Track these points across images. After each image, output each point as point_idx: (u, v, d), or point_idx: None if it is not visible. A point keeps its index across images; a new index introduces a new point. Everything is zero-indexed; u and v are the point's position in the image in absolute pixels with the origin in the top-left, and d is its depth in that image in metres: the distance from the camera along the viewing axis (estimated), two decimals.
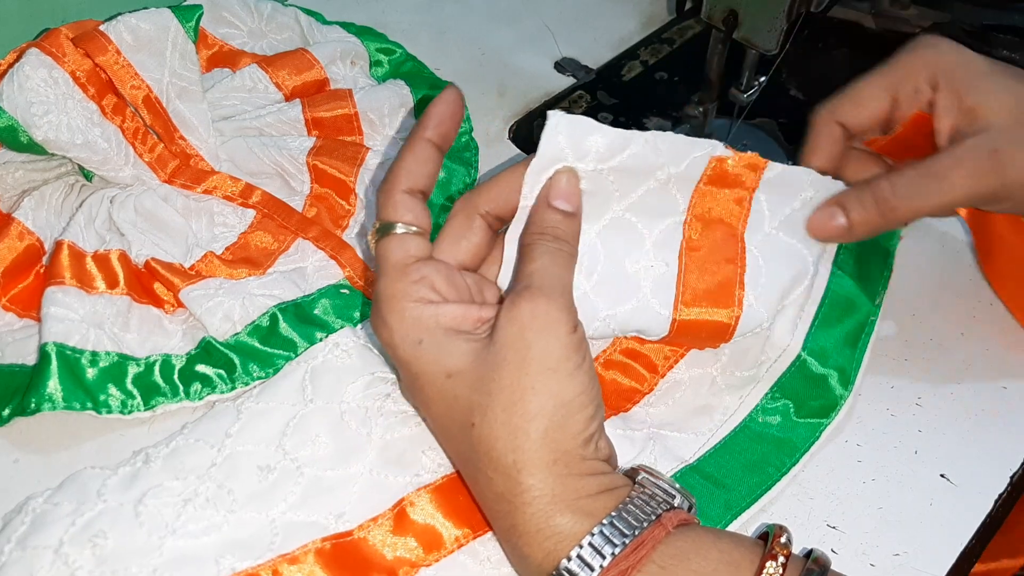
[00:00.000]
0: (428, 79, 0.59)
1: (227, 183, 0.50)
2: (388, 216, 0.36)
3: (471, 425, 0.33)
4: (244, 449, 0.38)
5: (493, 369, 0.33)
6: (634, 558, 0.31)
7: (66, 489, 0.37)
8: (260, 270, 0.48)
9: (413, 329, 0.34)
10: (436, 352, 0.33)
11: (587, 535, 0.31)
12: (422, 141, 0.37)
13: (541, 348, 0.33)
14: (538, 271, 0.34)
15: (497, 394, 0.32)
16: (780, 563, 0.31)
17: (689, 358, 0.44)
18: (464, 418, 0.33)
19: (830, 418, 0.42)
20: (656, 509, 0.32)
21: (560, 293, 0.34)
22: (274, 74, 0.55)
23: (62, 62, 0.46)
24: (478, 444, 0.33)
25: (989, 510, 0.41)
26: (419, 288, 0.34)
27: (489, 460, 0.33)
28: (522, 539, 0.32)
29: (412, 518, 0.37)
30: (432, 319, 0.34)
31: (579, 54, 0.64)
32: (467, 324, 0.34)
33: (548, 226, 0.36)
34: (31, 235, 0.47)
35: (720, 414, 0.43)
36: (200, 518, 0.36)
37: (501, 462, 0.32)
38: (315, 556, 0.36)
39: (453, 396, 0.33)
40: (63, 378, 0.41)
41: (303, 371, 0.41)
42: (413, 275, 0.34)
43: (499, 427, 0.32)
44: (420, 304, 0.34)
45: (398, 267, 0.35)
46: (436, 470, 0.38)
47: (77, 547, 0.35)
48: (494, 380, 0.33)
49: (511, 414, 0.32)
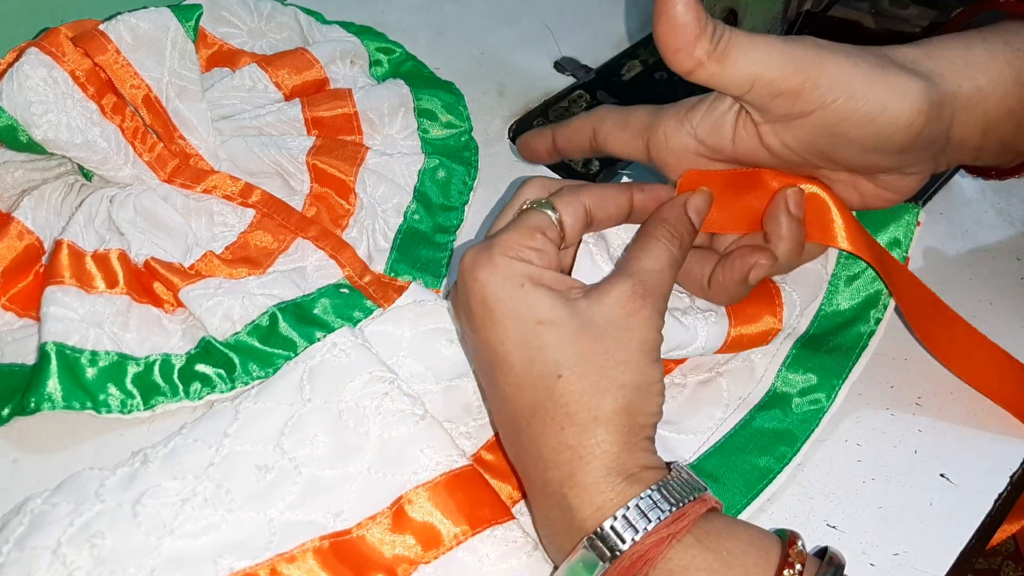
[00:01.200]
0: (428, 78, 0.59)
1: (227, 182, 0.50)
2: (557, 204, 0.38)
3: (558, 377, 0.34)
4: (242, 449, 0.38)
5: (593, 335, 0.35)
6: (676, 527, 0.32)
7: (64, 490, 0.37)
8: (260, 270, 0.48)
9: (517, 273, 0.36)
10: (534, 297, 0.35)
11: (636, 498, 0.33)
12: (629, 194, 0.40)
13: (642, 334, 0.35)
14: (657, 273, 0.37)
15: (592, 357, 0.34)
16: (797, 570, 0.32)
17: (688, 363, 0.45)
18: (551, 369, 0.34)
19: (829, 402, 0.43)
20: (694, 491, 0.34)
21: (664, 299, 0.37)
22: (274, 73, 0.54)
23: (61, 61, 0.45)
24: (560, 396, 0.34)
25: (989, 510, 0.41)
26: (535, 254, 0.37)
27: (567, 412, 0.34)
28: (575, 490, 0.34)
29: (410, 516, 0.37)
30: (537, 273, 0.36)
31: (579, 53, 0.64)
32: (563, 287, 0.36)
33: (680, 227, 0.38)
34: (30, 234, 0.46)
35: (721, 412, 0.43)
36: (198, 518, 0.36)
37: (579, 416, 0.34)
38: (314, 555, 0.36)
39: (540, 344, 0.35)
40: (63, 378, 0.41)
41: (301, 371, 0.41)
42: (537, 242, 0.37)
43: (589, 385, 0.34)
44: (528, 262, 0.36)
45: (531, 229, 0.37)
46: (434, 468, 0.38)
47: (75, 548, 0.34)
48: (591, 344, 0.35)
49: (602, 377, 0.34)
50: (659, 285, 0.36)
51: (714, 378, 0.44)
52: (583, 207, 0.38)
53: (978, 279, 0.50)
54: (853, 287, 0.46)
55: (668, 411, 0.43)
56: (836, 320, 0.46)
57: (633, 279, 0.36)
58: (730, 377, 0.44)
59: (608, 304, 0.35)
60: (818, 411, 0.43)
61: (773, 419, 0.42)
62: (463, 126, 0.57)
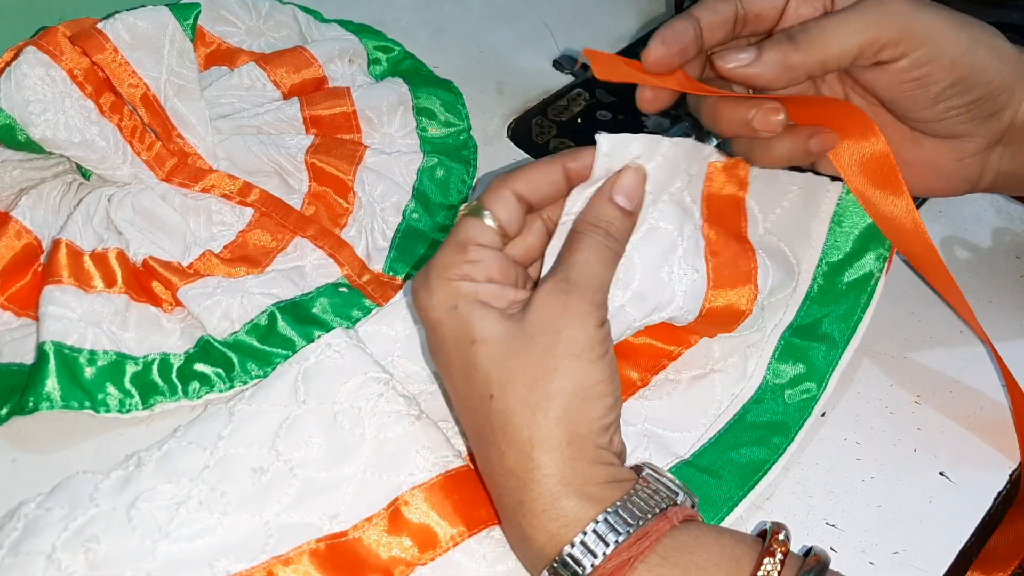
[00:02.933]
0: (426, 77, 0.59)
1: (225, 181, 0.50)
2: (486, 203, 0.36)
3: (490, 397, 0.33)
4: (237, 451, 0.38)
5: (520, 347, 0.33)
6: (637, 548, 0.31)
7: (58, 494, 0.36)
8: (258, 268, 0.47)
9: (451, 295, 0.34)
10: (467, 317, 0.34)
11: (592, 522, 0.31)
12: (560, 166, 0.37)
13: (569, 335, 0.33)
14: (580, 264, 0.35)
15: (520, 371, 0.33)
16: (778, 560, 0.31)
17: (687, 356, 0.45)
18: (484, 390, 0.33)
19: (821, 390, 0.42)
20: (660, 503, 0.32)
21: (596, 290, 0.34)
22: (272, 72, 0.54)
23: (60, 60, 0.45)
24: (495, 417, 0.33)
25: (988, 508, 0.40)
26: (470, 267, 0.35)
27: (504, 434, 0.33)
28: (527, 518, 0.33)
29: (407, 517, 0.37)
30: (471, 291, 0.35)
31: (578, 52, 0.64)
32: (501, 302, 0.35)
33: (603, 220, 0.36)
34: (29, 234, 0.46)
35: (715, 409, 0.43)
36: (193, 521, 0.36)
37: (516, 436, 0.33)
38: (310, 557, 0.35)
39: (475, 364, 0.34)
40: (61, 377, 0.41)
41: (295, 372, 0.40)
42: (471, 255, 0.35)
43: (518, 402, 0.33)
44: (465, 280, 0.35)
45: (461, 244, 0.36)
46: (430, 469, 0.38)
47: (70, 552, 0.34)
48: (519, 357, 0.33)
49: (531, 391, 0.33)
50: (585, 275, 0.34)
51: (707, 375, 0.44)
52: (512, 197, 0.36)
53: (977, 277, 0.50)
54: (839, 275, 0.45)
55: (662, 409, 0.43)
56: (823, 309, 0.45)
57: (555, 278, 0.34)
58: (723, 374, 0.44)
59: (535, 309, 0.34)
60: (810, 399, 0.42)
61: (766, 411, 0.42)
62: (462, 124, 0.56)
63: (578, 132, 0.58)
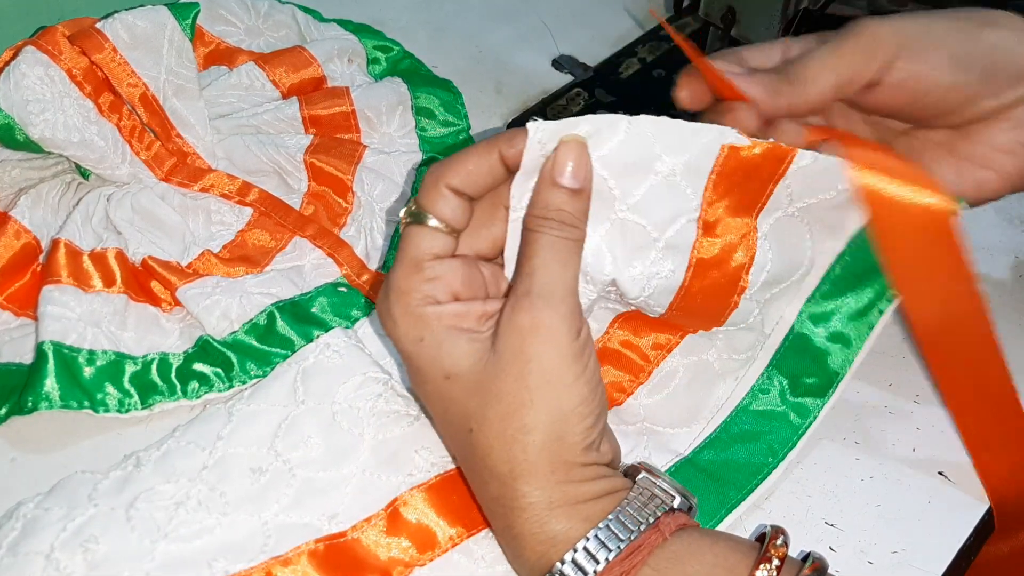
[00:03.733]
0: (425, 76, 0.59)
1: (224, 181, 0.50)
2: (425, 205, 0.33)
3: (468, 431, 0.32)
4: (236, 451, 0.38)
5: (492, 378, 0.32)
6: (628, 563, 0.30)
7: (57, 494, 0.36)
8: (258, 268, 0.47)
9: (415, 326, 0.33)
10: (435, 351, 0.33)
11: (582, 539, 0.31)
12: (495, 151, 0.33)
13: (540, 360, 0.31)
14: (540, 269, 0.32)
15: (495, 404, 0.32)
16: (775, 566, 0.30)
17: (683, 346, 0.43)
18: (462, 422, 0.33)
19: (826, 398, 0.41)
20: (655, 512, 0.32)
21: (562, 298, 0.32)
22: (271, 72, 0.54)
23: (58, 60, 0.45)
24: (474, 449, 0.33)
25: (987, 509, 0.40)
26: (430, 286, 0.33)
27: (485, 466, 0.32)
28: (517, 540, 0.32)
29: (406, 518, 0.36)
30: (435, 318, 0.33)
31: (577, 52, 0.64)
32: (469, 321, 0.33)
33: (552, 208, 0.33)
34: (28, 233, 0.46)
35: (714, 402, 0.42)
36: (192, 521, 0.35)
37: (496, 470, 0.32)
38: (308, 557, 0.35)
39: (451, 398, 0.33)
40: (60, 377, 0.41)
41: (294, 372, 0.40)
42: (428, 272, 0.33)
43: (494, 437, 0.32)
44: (425, 303, 0.33)
45: (415, 262, 0.33)
46: (429, 469, 0.37)
47: (68, 552, 0.34)
48: (492, 390, 0.32)
49: (507, 425, 0.31)
50: (547, 284, 0.32)
51: (707, 367, 0.43)
52: (450, 193, 0.33)
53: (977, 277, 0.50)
54: (846, 287, 0.44)
55: (662, 402, 0.42)
56: (827, 320, 0.42)
57: (517, 291, 0.32)
58: (722, 365, 0.43)
59: (503, 334, 0.32)
60: (813, 406, 0.41)
61: (768, 411, 0.41)
62: (461, 124, 0.56)
63: None
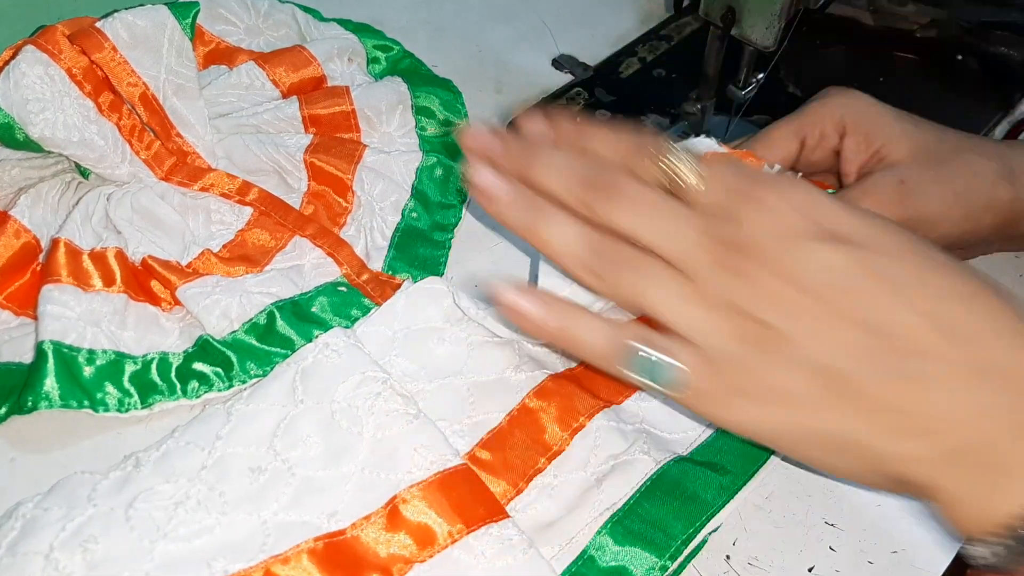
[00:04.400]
0: (426, 76, 0.59)
1: (224, 180, 0.50)
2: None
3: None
4: (235, 451, 0.38)
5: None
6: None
7: (56, 494, 0.36)
8: (257, 268, 0.47)
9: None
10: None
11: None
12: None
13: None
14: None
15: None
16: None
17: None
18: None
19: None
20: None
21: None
22: (271, 71, 0.54)
23: (58, 59, 0.45)
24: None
25: None
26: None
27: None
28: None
29: (405, 515, 0.36)
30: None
31: (577, 51, 0.64)
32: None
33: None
34: (27, 233, 0.46)
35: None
36: (191, 521, 0.35)
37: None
38: (308, 556, 0.35)
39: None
40: (60, 376, 0.40)
41: (293, 372, 0.40)
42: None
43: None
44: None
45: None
46: (428, 467, 0.37)
47: (68, 552, 0.34)
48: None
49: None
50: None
51: None
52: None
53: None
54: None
55: (659, 409, 0.42)
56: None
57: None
58: None
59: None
60: None
61: None
62: (461, 123, 0.56)
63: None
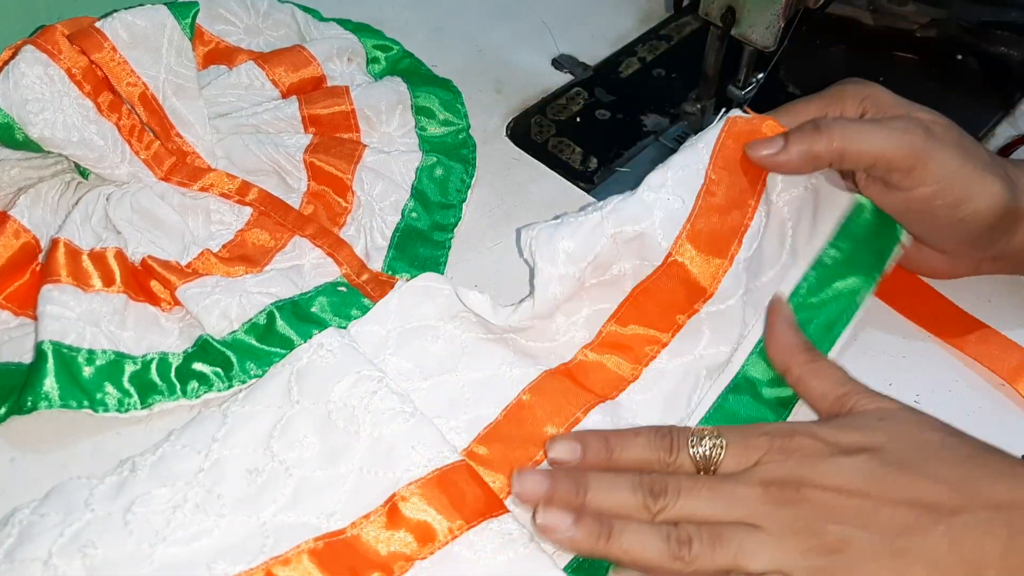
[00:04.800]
0: (425, 76, 0.59)
1: (223, 180, 0.49)
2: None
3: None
4: (231, 453, 0.38)
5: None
6: None
7: (52, 500, 0.36)
8: (257, 268, 0.47)
9: None
10: None
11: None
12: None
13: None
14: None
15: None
16: None
17: (672, 347, 0.44)
18: None
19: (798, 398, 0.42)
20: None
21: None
22: (271, 71, 0.54)
23: (58, 59, 0.45)
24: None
25: None
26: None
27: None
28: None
29: (404, 513, 0.36)
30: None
31: (577, 51, 0.63)
32: None
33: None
34: (27, 233, 0.46)
35: (696, 397, 0.42)
36: (190, 524, 0.35)
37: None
38: (308, 556, 0.35)
39: None
40: (59, 376, 0.40)
41: (288, 373, 0.40)
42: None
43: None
44: None
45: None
46: (426, 465, 0.37)
47: (66, 558, 0.34)
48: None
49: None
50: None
51: (695, 361, 0.43)
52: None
53: (977, 275, 0.50)
54: (831, 279, 0.45)
55: (651, 403, 0.43)
56: (807, 312, 0.44)
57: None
58: (709, 360, 0.43)
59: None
60: (788, 399, 0.42)
61: (745, 405, 0.42)
62: (461, 123, 0.56)
63: (577, 131, 0.57)
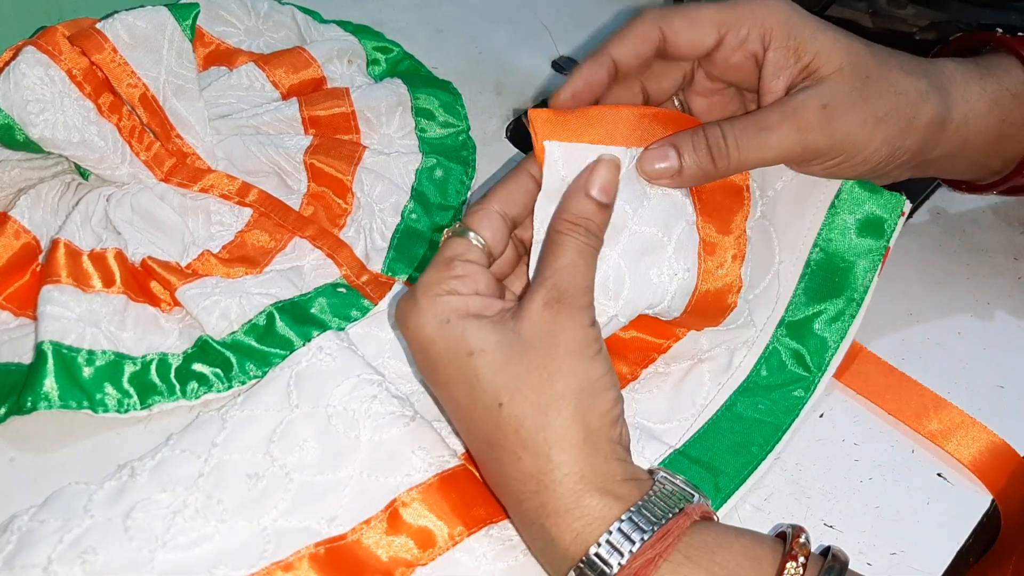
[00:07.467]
0: (425, 77, 0.59)
1: (224, 181, 0.49)
2: (469, 223, 0.37)
3: (499, 405, 0.33)
4: (231, 458, 0.37)
5: (519, 353, 0.33)
6: (661, 546, 0.31)
7: (51, 506, 0.36)
8: (257, 269, 0.47)
9: (442, 310, 0.34)
10: (460, 330, 0.34)
11: (616, 520, 0.31)
12: (527, 174, 0.38)
13: (565, 335, 0.34)
14: (566, 269, 0.35)
15: (525, 376, 0.33)
16: (800, 563, 0.31)
17: (671, 352, 0.44)
18: (490, 399, 0.33)
19: (808, 395, 0.42)
20: (680, 500, 0.33)
21: (584, 293, 0.35)
22: (271, 72, 0.54)
23: (58, 60, 0.45)
24: (506, 424, 0.33)
25: (986, 509, 0.40)
26: (457, 282, 0.35)
27: (518, 439, 0.33)
28: (551, 519, 0.32)
29: (405, 518, 0.36)
30: (461, 304, 0.35)
31: (576, 53, 0.63)
32: (492, 311, 0.35)
33: (582, 217, 0.36)
34: (27, 233, 0.45)
35: (702, 398, 0.42)
36: (190, 529, 0.35)
37: (531, 440, 0.33)
38: (309, 561, 0.35)
39: (475, 376, 0.34)
40: (59, 377, 0.40)
41: (287, 376, 0.40)
42: (457, 270, 0.35)
43: (528, 406, 0.33)
44: (453, 294, 0.35)
45: (446, 261, 0.36)
46: (427, 469, 0.37)
47: (66, 565, 0.33)
48: (521, 363, 0.33)
49: (540, 394, 0.33)
50: (573, 282, 0.35)
51: (696, 365, 0.43)
52: (497, 215, 0.37)
53: (975, 279, 0.50)
54: (832, 269, 0.44)
55: (652, 402, 0.43)
56: (813, 306, 0.44)
57: (545, 286, 0.35)
58: (711, 363, 0.43)
59: (529, 319, 0.34)
60: (798, 401, 0.42)
61: (754, 408, 0.42)
62: (461, 125, 0.56)
63: None
